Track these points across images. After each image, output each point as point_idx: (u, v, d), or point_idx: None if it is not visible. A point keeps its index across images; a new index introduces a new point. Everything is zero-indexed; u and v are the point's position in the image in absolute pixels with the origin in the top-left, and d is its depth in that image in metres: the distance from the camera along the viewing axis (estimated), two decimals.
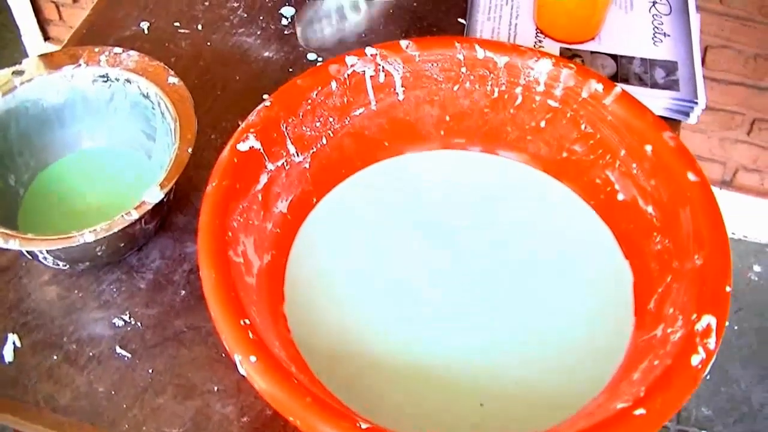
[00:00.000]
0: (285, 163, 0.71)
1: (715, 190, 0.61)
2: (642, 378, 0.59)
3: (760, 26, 1.53)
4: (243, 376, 0.65)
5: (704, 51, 1.58)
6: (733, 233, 1.86)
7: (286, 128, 0.71)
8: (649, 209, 0.69)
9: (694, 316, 0.58)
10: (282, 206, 0.71)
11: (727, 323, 1.47)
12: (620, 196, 0.72)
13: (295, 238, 0.73)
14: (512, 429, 0.62)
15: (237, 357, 0.56)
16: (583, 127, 0.73)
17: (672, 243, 0.66)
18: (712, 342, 0.57)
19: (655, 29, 0.88)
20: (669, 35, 0.87)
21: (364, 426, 0.53)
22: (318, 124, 0.73)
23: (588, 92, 0.72)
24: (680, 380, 0.55)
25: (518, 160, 0.78)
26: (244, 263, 0.64)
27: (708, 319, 0.58)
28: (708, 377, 1.66)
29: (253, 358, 0.55)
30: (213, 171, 0.65)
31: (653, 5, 0.91)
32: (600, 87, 0.71)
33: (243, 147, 0.67)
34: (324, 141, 0.74)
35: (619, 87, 0.71)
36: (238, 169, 0.66)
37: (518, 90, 0.75)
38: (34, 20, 1.99)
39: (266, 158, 0.69)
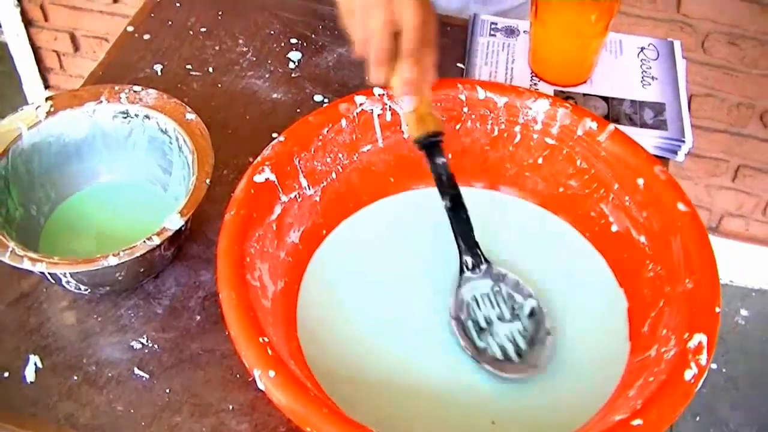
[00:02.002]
0: (297, 196, 0.75)
1: None
2: (638, 394, 0.63)
3: (742, 75, 1.59)
4: (257, 395, 0.69)
5: (689, 99, 1.64)
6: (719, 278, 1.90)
7: (299, 162, 0.75)
8: (642, 239, 0.73)
9: (686, 335, 0.62)
10: (294, 236, 0.75)
11: (715, 366, 1.52)
12: (614, 228, 0.76)
13: (307, 266, 0.76)
14: None
15: (256, 372, 0.59)
16: (578, 163, 0.78)
17: (664, 269, 0.70)
18: (703, 358, 0.60)
19: (644, 73, 0.93)
20: (657, 78, 0.92)
21: None
22: (328, 159, 0.77)
23: (583, 130, 0.76)
24: (674, 393, 0.59)
25: (517, 196, 0.82)
26: (260, 287, 0.68)
27: (699, 338, 0.61)
28: (698, 419, 1.69)
29: (272, 373, 0.58)
30: (231, 201, 0.69)
31: (641, 51, 0.96)
32: (594, 125, 0.76)
33: (259, 179, 0.71)
34: (334, 175, 0.78)
35: (612, 125, 0.76)
36: (254, 199, 0.70)
37: (517, 128, 0.80)
38: (35, 69, 2.04)
39: (280, 190, 0.73)
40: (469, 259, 0.74)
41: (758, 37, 1.53)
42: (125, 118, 0.80)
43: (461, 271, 0.74)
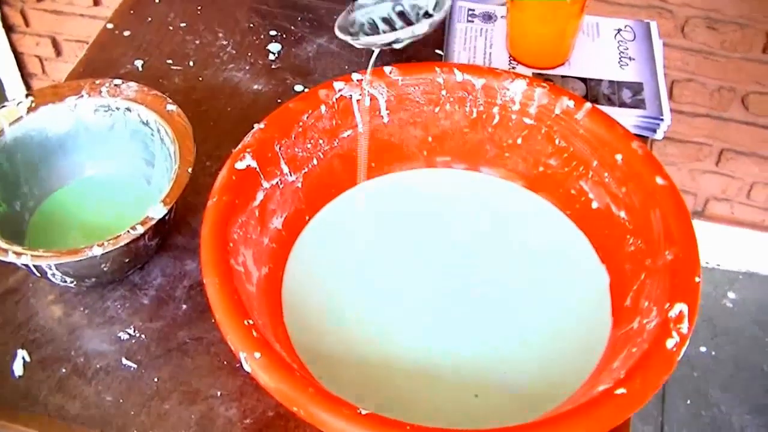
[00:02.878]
0: (279, 182, 0.75)
1: None
2: (622, 365, 0.63)
3: (722, 59, 1.60)
4: (245, 381, 0.69)
5: (670, 84, 1.65)
6: (707, 262, 1.92)
7: (279, 149, 0.75)
8: (622, 214, 0.74)
9: (667, 305, 0.63)
10: (277, 222, 0.76)
11: (704, 349, 1.53)
12: (594, 204, 0.77)
13: (290, 252, 0.77)
14: (505, 419, 0.66)
15: (242, 354, 0.59)
16: (557, 141, 0.78)
17: (644, 243, 0.71)
18: (684, 327, 0.61)
19: (621, 54, 0.94)
20: (634, 59, 0.93)
21: (364, 412, 0.56)
22: (309, 145, 0.78)
23: (560, 109, 0.77)
24: (657, 362, 0.60)
25: (498, 176, 0.83)
26: (245, 272, 0.68)
27: (680, 307, 0.62)
28: (689, 402, 1.70)
29: (257, 355, 0.59)
30: (213, 188, 0.70)
31: (618, 32, 0.97)
32: (572, 103, 0.77)
33: (240, 165, 0.71)
34: (315, 162, 0.79)
35: (589, 103, 0.76)
36: (236, 185, 0.70)
37: (495, 110, 0.80)
38: (18, 74, 2.03)
39: (262, 177, 0.73)
40: None
41: (737, 21, 1.54)
42: (107, 111, 0.80)
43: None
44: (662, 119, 0.87)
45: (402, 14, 0.74)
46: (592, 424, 0.57)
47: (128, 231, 0.69)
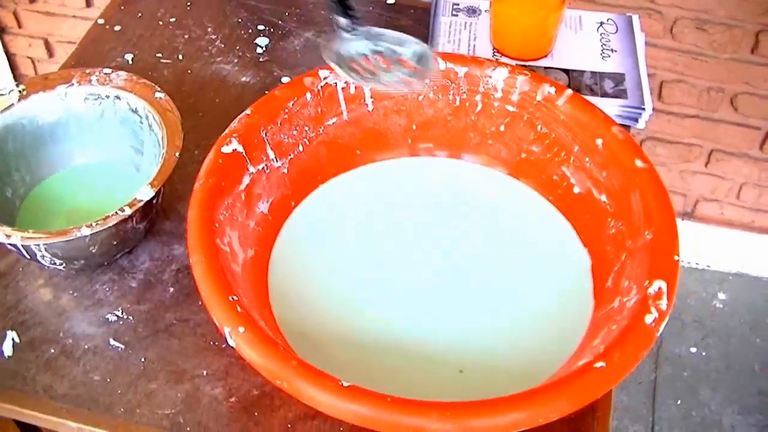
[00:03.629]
0: (265, 167, 0.77)
1: (678, 221, 0.68)
2: (601, 342, 0.65)
3: (711, 60, 1.61)
4: (231, 361, 0.71)
5: (660, 85, 1.67)
6: (696, 263, 1.93)
7: (265, 135, 0.76)
8: (603, 198, 0.75)
9: (647, 282, 0.64)
10: (263, 207, 0.77)
11: (694, 350, 1.54)
12: (576, 189, 0.78)
13: (276, 236, 0.78)
14: (489, 395, 0.67)
15: (226, 329, 0.61)
16: (539, 128, 0.80)
17: (625, 225, 0.72)
18: (663, 303, 0.63)
19: (603, 46, 0.96)
20: (616, 51, 0.95)
21: (346, 384, 0.57)
22: (295, 132, 0.79)
23: (542, 95, 0.79)
24: (635, 336, 0.61)
25: (481, 163, 0.84)
26: (230, 253, 0.69)
27: (659, 284, 0.64)
28: (679, 402, 1.71)
29: (241, 329, 0.60)
30: (200, 171, 0.71)
31: (601, 25, 0.98)
32: (552, 90, 0.78)
33: (227, 149, 0.73)
34: (301, 148, 0.80)
35: (570, 90, 0.78)
36: (222, 169, 0.72)
37: (478, 98, 0.82)
38: (11, 76, 2.04)
39: (248, 161, 0.75)
40: (341, 19, 0.70)
41: (726, 21, 1.55)
42: (96, 99, 0.82)
43: (335, 32, 0.71)
44: (644, 109, 0.89)
45: (380, 53, 0.74)
46: (572, 396, 0.58)
47: (116, 212, 0.70)
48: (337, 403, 0.57)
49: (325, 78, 0.79)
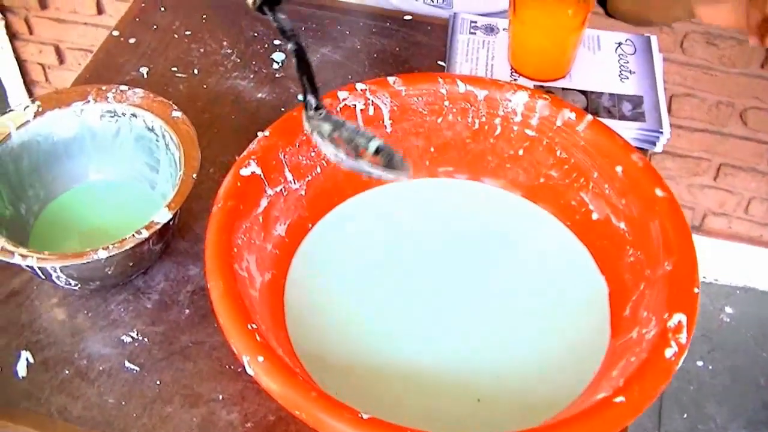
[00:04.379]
0: (283, 189, 0.76)
1: None
2: (620, 373, 0.64)
3: (721, 75, 1.61)
4: (246, 385, 0.70)
5: (669, 99, 1.66)
6: (704, 277, 1.92)
7: (284, 156, 0.76)
8: (622, 225, 0.75)
9: (666, 315, 0.64)
10: (281, 229, 0.76)
11: (701, 363, 1.53)
12: (594, 216, 0.78)
13: (293, 258, 0.78)
14: (505, 425, 0.66)
15: (245, 358, 0.60)
16: (558, 153, 0.79)
17: (644, 254, 0.72)
18: (683, 337, 0.62)
19: (622, 67, 0.95)
20: (634, 72, 0.94)
21: (365, 417, 0.57)
22: (312, 153, 0.79)
23: (562, 120, 0.78)
24: (655, 371, 0.60)
25: (499, 186, 0.84)
26: (248, 277, 0.69)
27: (679, 317, 0.63)
28: (685, 416, 1.71)
29: (260, 358, 0.59)
30: (218, 194, 0.70)
31: (619, 46, 0.98)
32: (573, 115, 0.78)
33: (245, 172, 0.72)
34: (318, 170, 0.79)
35: (590, 115, 0.77)
36: (241, 192, 0.71)
37: (497, 121, 0.81)
38: (21, 82, 2.04)
39: (266, 183, 0.74)
40: (312, 100, 0.72)
41: (736, 36, 1.55)
42: (112, 117, 0.81)
43: (306, 109, 0.72)
44: (661, 132, 0.88)
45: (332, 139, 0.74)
46: (594, 429, 0.57)
47: (133, 235, 0.69)
48: None
49: (344, 99, 0.79)
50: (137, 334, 0.75)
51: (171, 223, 0.73)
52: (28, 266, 0.69)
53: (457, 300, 0.76)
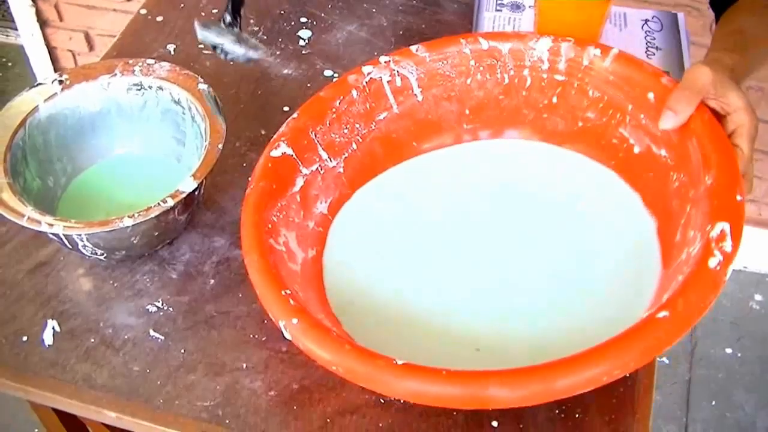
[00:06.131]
0: (319, 168, 0.77)
1: None
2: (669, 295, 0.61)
3: None
4: (270, 354, 0.71)
5: None
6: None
7: (315, 136, 0.76)
8: (663, 152, 0.74)
9: (709, 226, 0.61)
10: (322, 207, 0.77)
11: (729, 351, 1.49)
12: (636, 149, 0.77)
13: (329, 231, 0.78)
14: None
15: (281, 323, 0.61)
16: (590, 93, 0.79)
17: (687, 176, 0.70)
18: (728, 245, 0.59)
19: (648, 43, 0.94)
20: (661, 49, 0.93)
21: (400, 362, 0.57)
22: (346, 130, 0.79)
23: (588, 59, 0.78)
24: (699, 282, 0.57)
25: (539, 139, 0.83)
26: (287, 252, 0.70)
27: (721, 226, 0.60)
28: (713, 403, 1.69)
29: (294, 321, 0.60)
30: (251, 176, 0.72)
31: (645, 23, 0.97)
32: (598, 51, 0.77)
33: (276, 153, 0.73)
34: (354, 146, 0.80)
35: (615, 48, 0.77)
36: (272, 172, 0.72)
37: (526, 72, 0.81)
38: (51, 68, 2.06)
39: (299, 163, 0.74)
40: (228, 17, 0.86)
41: None
42: (139, 90, 0.82)
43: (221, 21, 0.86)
44: None
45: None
46: (637, 349, 0.55)
47: (158, 204, 0.70)
48: (393, 381, 0.57)
49: (369, 73, 0.79)
50: (162, 304, 0.75)
51: (196, 193, 0.73)
52: (54, 234, 0.70)
53: (506, 253, 0.75)
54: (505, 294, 0.72)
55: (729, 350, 1.78)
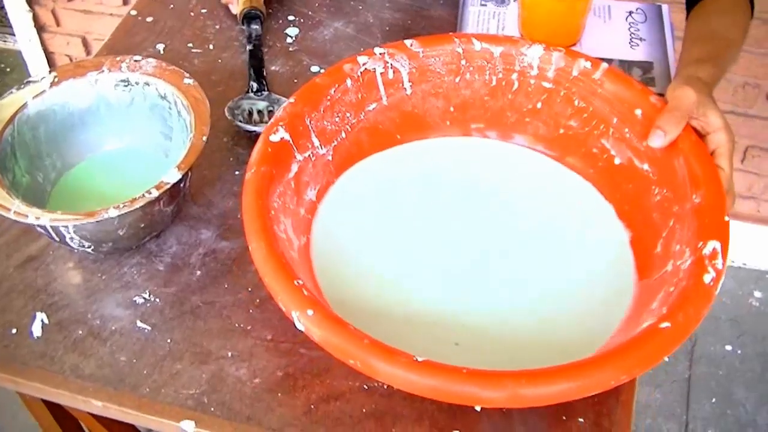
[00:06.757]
0: (311, 155, 0.77)
1: None
2: (661, 304, 0.65)
3: (747, 55, 1.60)
4: (255, 343, 0.71)
5: None
6: (732, 261, 1.91)
7: (310, 122, 0.77)
8: (645, 166, 0.76)
9: (700, 244, 0.65)
10: (311, 194, 0.78)
11: (729, 348, 1.52)
12: (617, 161, 0.79)
13: (314, 219, 0.78)
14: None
15: (294, 314, 0.60)
16: (576, 102, 0.80)
17: (670, 191, 0.73)
18: (719, 263, 0.64)
19: (632, 35, 0.95)
20: (645, 39, 0.94)
21: (420, 359, 0.58)
22: (337, 119, 0.80)
23: (578, 70, 0.79)
24: (697, 296, 0.62)
25: (519, 142, 0.85)
26: (287, 239, 0.70)
27: (713, 244, 0.65)
28: (714, 401, 1.69)
29: (310, 312, 0.60)
30: (250, 161, 0.71)
31: (630, 14, 0.98)
32: (588, 64, 0.79)
33: (274, 138, 0.73)
34: (343, 135, 0.80)
35: (605, 63, 0.78)
36: (272, 157, 0.72)
37: (514, 76, 0.82)
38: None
39: (295, 149, 0.75)
40: (254, 84, 0.92)
41: (761, 16, 1.53)
42: (126, 86, 0.83)
43: (247, 92, 0.92)
44: None
45: (271, 113, 0.89)
46: (642, 357, 0.58)
47: (143, 195, 0.71)
48: (414, 378, 0.57)
49: (364, 64, 0.80)
50: (149, 295, 0.76)
51: (182, 185, 0.74)
52: (41, 226, 0.71)
53: (476, 253, 0.76)
54: (482, 290, 0.73)
55: (729, 347, 1.78)
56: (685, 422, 1.67)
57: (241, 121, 0.88)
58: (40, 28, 1.93)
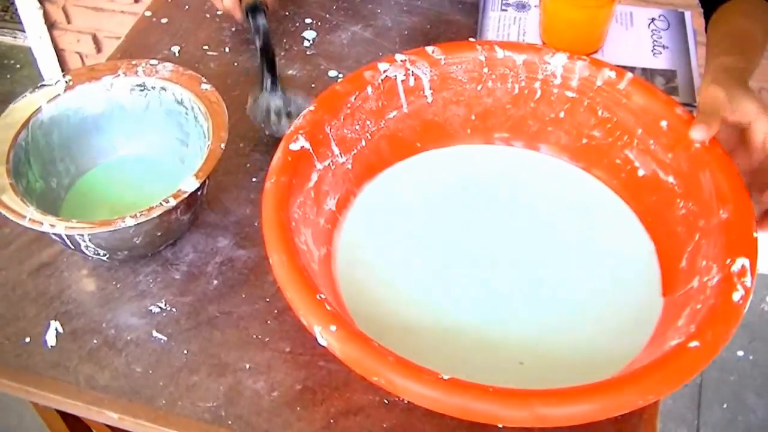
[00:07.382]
0: (331, 163, 0.76)
1: None
2: (688, 321, 0.64)
3: (763, 60, 1.58)
4: (273, 355, 0.70)
5: None
6: None
7: (330, 130, 0.75)
8: (670, 179, 0.75)
9: (729, 260, 0.64)
10: (331, 204, 0.76)
11: (741, 354, 1.51)
12: (641, 172, 0.77)
13: (338, 230, 0.77)
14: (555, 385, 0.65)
15: (317, 329, 0.59)
16: (600, 113, 0.79)
17: (696, 205, 0.71)
18: (748, 280, 0.63)
19: (655, 42, 0.94)
20: (668, 47, 0.93)
21: (446, 377, 0.56)
22: (357, 126, 0.78)
23: (602, 80, 0.78)
24: (726, 314, 0.61)
25: (541, 150, 0.83)
26: (308, 251, 0.68)
27: (742, 261, 0.63)
28: (725, 406, 1.68)
29: (333, 327, 0.59)
30: (269, 170, 0.70)
31: (652, 21, 0.96)
32: (613, 74, 0.77)
33: (294, 147, 0.72)
34: (363, 143, 0.79)
35: (630, 73, 0.77)
36: (292, 166, 0.70)
37: (537, 85, 0.81)
38: (59, 71, 2.07)
39: (315, 158, 0.74)
40: (269, 81, 0.88)
41: None
42: (142, 90, 0.81)
43: (261, 89, 0.88)
44: (695, 106, 0.87)
45: (289, 114, 0.87)
46: (670, 377, 0.57)
47: (161, 203, 0.70)
48: (441, 397, 0.56)
49: (384, 71, 0.78)
50: (165, 305, 0.75)
51: (199, 193, 0.73)
52: (56, 235, 0.70)
53: (500, 265, 0.75)
54: (515, 306, 0.72)
55: (740, 353, 1.77)
56: (696, 427, 1.66)
57: (263, 126, 0.87)
58: (50, 25, 1.92)
